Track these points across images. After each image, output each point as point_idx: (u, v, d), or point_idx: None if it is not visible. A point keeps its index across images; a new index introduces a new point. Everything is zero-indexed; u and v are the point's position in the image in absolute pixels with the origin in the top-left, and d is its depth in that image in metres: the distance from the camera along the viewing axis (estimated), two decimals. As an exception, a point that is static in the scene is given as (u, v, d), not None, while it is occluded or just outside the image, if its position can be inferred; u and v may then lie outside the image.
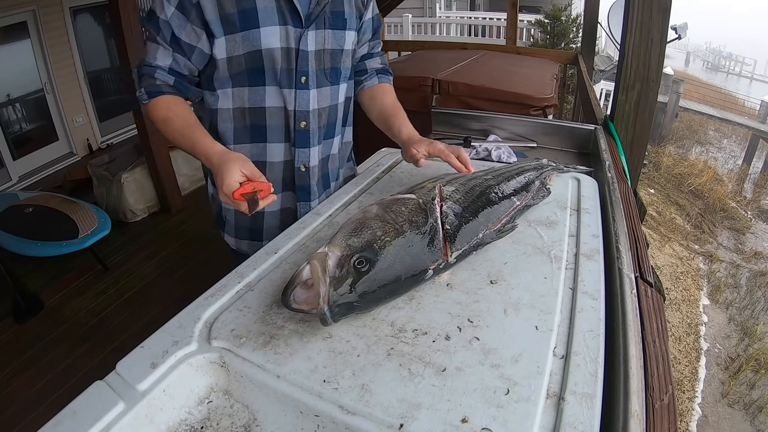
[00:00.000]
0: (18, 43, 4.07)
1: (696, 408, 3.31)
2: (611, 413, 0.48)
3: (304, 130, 0.97)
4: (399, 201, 0.71)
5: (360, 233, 0.63)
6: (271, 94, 0.93)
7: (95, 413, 0.47)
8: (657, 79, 1.50)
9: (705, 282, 4.83)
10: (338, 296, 0.56)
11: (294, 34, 0.89)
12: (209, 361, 0.55)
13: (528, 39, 8.11)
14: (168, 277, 2.78)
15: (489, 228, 0.73)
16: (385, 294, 0.60)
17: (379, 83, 1.11)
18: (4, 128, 4.07)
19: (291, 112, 0.95)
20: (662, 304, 0.70)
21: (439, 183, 0.78)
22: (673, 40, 2.92)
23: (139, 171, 3.35)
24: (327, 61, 0.95)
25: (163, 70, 0.89)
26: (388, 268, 0.60)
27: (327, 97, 0.98)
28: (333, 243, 0.62)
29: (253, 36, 0.86)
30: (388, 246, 0.62)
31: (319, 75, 0.95)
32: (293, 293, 0.57)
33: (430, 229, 0.67)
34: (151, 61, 0.89)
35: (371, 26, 1.06)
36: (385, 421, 0.46)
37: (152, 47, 0.88)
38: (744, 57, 19.66)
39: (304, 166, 1.00)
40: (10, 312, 2.46)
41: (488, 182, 0.81)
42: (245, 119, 0.95)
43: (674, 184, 6.85)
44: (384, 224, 0.65)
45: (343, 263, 0.59)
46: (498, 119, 1.69)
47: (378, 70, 1.12)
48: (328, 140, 1.04)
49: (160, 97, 0.89)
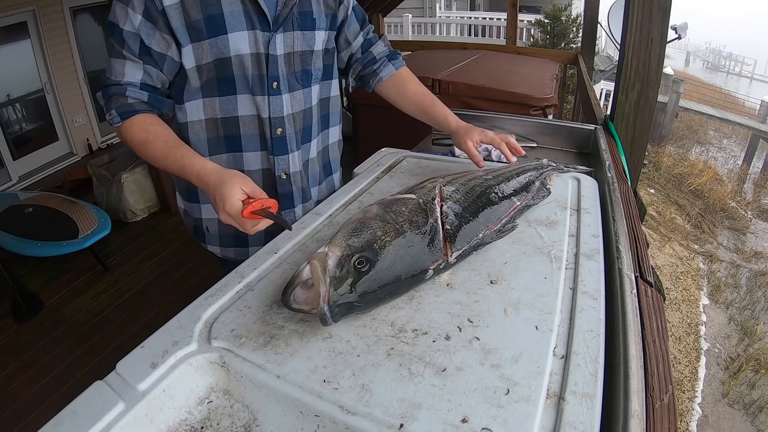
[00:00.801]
0: (18, 43, 4.07)
1: (696, 408, 3.31)
2: (611, 413, 0.48)
3: (281, 137, 0.94)
4: (399, 201, 0.71)
5: (360, 233, 0.62)
6: (243, 102, 0.89)
7: (95, 413, 0.47)
8: (657, 79, 1.50)
9: (705, 282, 4.83)
10: (338, 296, 0.56)
11: (262, 38, 0.86)
12: (209, 361, 0.55)
13: (528, 39, 8.12)
14: (168, 277, 2.78)
15: (489, 228, 0.73)
16: (385, 294, 0.60)
17: (396, 71, 1.08)
18: (4, 128, 4.07)
19: (266, 120, 0.91)
20: (662, 304, 0.70)
21: (439, 183, 0.78)
22: (673, 40, 2.91)
23: (139, 171, 3.36)
24: (297, 64, 0.92)
25: (134, 87, 0.83)
26: (389, 268, 0.60)
27: (300, 101, 0.95)
28: (333, 243, 0.61)
29: (221, 42, 0.83)
30: (388, 246, 0.61)
31: (290, 78, 0.92)
32: (293, 293, 0.57)
33: (430, 229, 0.67)
34: (119, 78, 0.82)
35: (355, 17, 1.03)
36: (385, 421, 0.46)
37: (118, 63, 0.82)
38: (744, 57, 19.67)
39: (284, 173, 0.97)
40: (10, 312, 2.46)
41: (488, 182, 0.81)
42: (218, 130, 0.92)
43: (674, 184, 6.85)
44: (384, 224, 0.65)
45: (343, 263, 0.58)
46: (498, 119, 1.69)
47: (387, 55, 1.09)
48: (305, 144, 1.01)
49: (134, 117, 0.83)
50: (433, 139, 1.59)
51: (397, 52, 1.11)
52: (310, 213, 0.90)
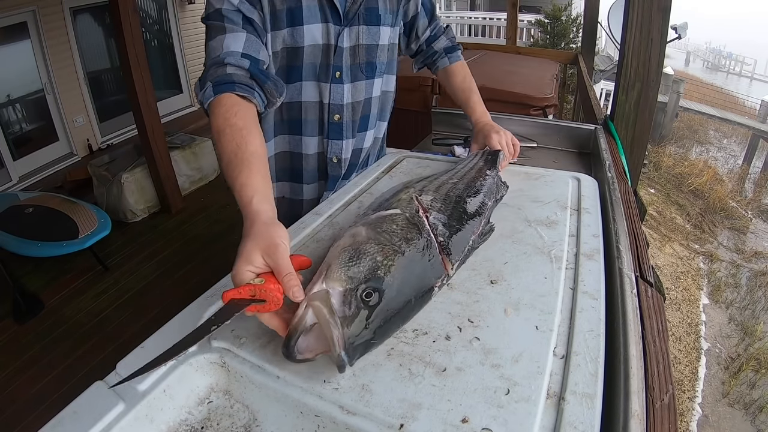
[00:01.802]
0: (18, 44, 4.07)
1: (696, 408, 3.31)
2: (611, 413, 0.48)
3: (338, 123, 1.00)
4: (387, 219, 0.66)
5: (359, 261, 0.56)
6: (308, 89, 0.96)
7: (95, 413, 0.47)
8: (657, 79, 1.50)
9: (705, 282, 4.83)
10: (354, 337, 0.50)
11: (334, 30, 0.93)
12: (209, 362, 0.55)
13: (528, 39, 8.12)
14: (168, 277, 2.78)
15: (475, 233, 0.71)
16: (398, 322, 0.56)
17: (450, 64, 1.17)
18: (5, 128, 4.07)
19: (325, 106, 0.98)
20: (662, 304, 0.70)
21: (413, 193, 0.74)
22: (673, 39, 2.92)
23: (139, 171, 3.36)
24: (362, 56, 0.99)
25: (234, 55, 0.77)
26: (398, 294, 0.55)
27: (361, 91, 1.02)
28: (330, 277, 0.54)
29: (297, 33, 0.89)
30: (392, 270, 0.56)
31: (353, 69, 0.98)
32: (297, 344, 0.49)
33: (426, 244, 0.62)
34: (218, 53, 0.77)
35: (424, 12, 1.11)
36: (385, 421, 0.46)
37: (216, 41, 0.78)
38: (744, 57, 19.66)
39: (336, 157, 1.04)
40: (10, 312, 2.46)
41: (458, 186, 0.80)
42: (282, 114, 0.99)
43: (674, 184, 6.86)
44: (381, 247, 0.59)
45: (349, 299, 0.52)
46: (498, 119, 1.68)
47: (446, 48, 1.17)
48: (361, 133, 1.07)
49: (225, 96, 0.74)
50: (434, 139, 1.59)
51: (458, 47, 1.20)
52: (310, 213, 0.90)
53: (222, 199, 3.67)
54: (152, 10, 5.41)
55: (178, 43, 5.71)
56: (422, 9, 1.10)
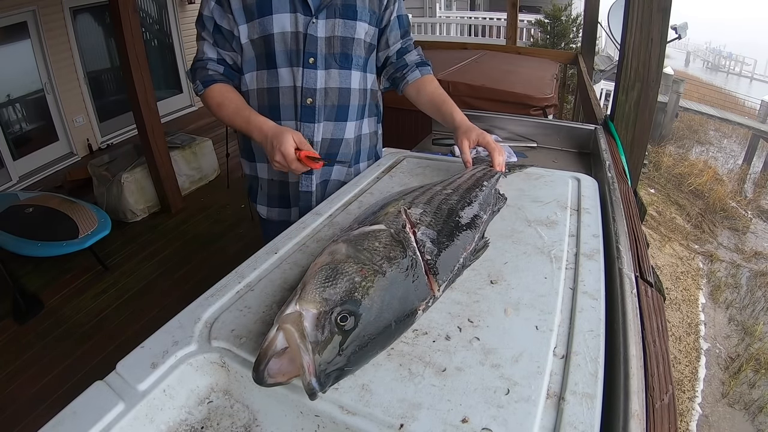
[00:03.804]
0: (18, 44, 4.07)
1: (696, 408, 3.31)
2: (611, 413, 0.48)
3: (310, 107, 1.07)
4: (369, 235, 0.61)
5: (335, 282, 0.52)
6: (284, 74, 1.05)
7: (95, 413, 0.47)
8: (657, 79, 1.50)
9: (705, 282, 4.83)
10: (325, 363, 0.46)
11: (303, 20, 1.01)
12: (209, 361, 0.55)
13: (528, 39, 8.11)
14: (168, 277, 2.78)
15: (466, 250, 0.67)
16: (376, 348, 0.51)
17: (421, 76, 1.18)
18: (5, 128, 4.07)
19: (299, 89, 1.05)
20: (662, 304, 0.70)
21: (402, 206, 0.70)
22: (673, 39, 2.91)
23: (139, 171, 3.36)
24: (337, 47, 1.05)
25: (213, 61, 1.06)
26: (377, 318, 0.51)
27: (336, 79, 1.07)
28: (304, 299, 0.50)
29: (266, 21, 1.00)
30: (371, 292, 0.52)
31: (328, 58, 1.05)
32: (267, 368, 0.47)
33: (411, 263, 0.57)
34: (201, 56, 1.06)
35: (398, 24, 1.15)
36: (385, 421, 0.46)
37: (201, 44, 1.06)
38: (744, 57, 19.66)
39: (308, 140, 1.07)
40: (10, 312, 2.46)
41: (451, 198, 0.76)
42: (264, 99, 1.08)
43: (674, 184, 6.85)
44: (361, 266, 0.54)
45: (322, 322, 0.48)
46: (498, 119, 1.69)
47: (417, 63, 1.18)
48: (340, 122, 1.11)
49: (214, 86, 1.05)
50: (434, 139, 1.59)
51: (429, 63, 1.21)
52: (310, 213, 0.90)
53: (222, 199, 3.67)
54: (152, 10, 5.41)
55: (178, 42, 5.71)
56: (396, 20, 1.14)
